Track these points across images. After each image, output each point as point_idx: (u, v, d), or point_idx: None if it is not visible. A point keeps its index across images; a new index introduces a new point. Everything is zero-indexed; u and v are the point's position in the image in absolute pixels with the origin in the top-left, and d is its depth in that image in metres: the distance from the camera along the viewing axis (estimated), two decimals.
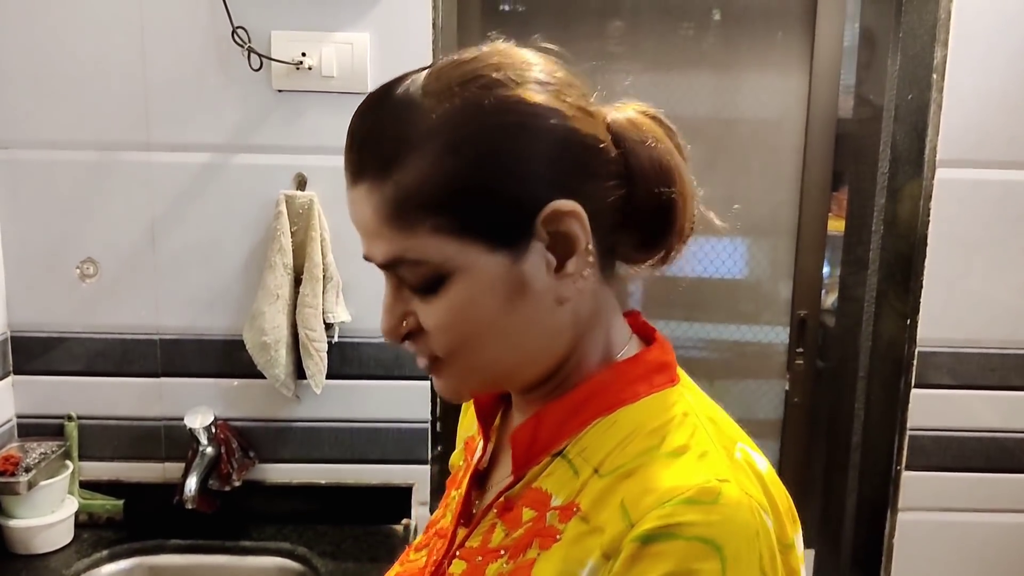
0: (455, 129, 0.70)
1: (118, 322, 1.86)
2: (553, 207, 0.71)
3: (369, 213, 0.72)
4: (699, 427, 0.74)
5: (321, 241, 1.80)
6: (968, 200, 1.85)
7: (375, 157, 0.71)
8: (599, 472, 0.72)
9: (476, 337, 0.74)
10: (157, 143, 1.80)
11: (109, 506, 1.90)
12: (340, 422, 1.91)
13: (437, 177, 0.69)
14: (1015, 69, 1.80)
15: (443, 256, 0.71)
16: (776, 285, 2.17)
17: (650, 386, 0.78)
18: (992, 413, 1.92)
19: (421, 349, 0.77)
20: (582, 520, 0.70)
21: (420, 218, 0.70)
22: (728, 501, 0.65)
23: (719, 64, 2.09)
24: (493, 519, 0.79)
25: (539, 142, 0.71)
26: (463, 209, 0.70)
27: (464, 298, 0.72)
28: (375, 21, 1.77)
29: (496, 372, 0.78)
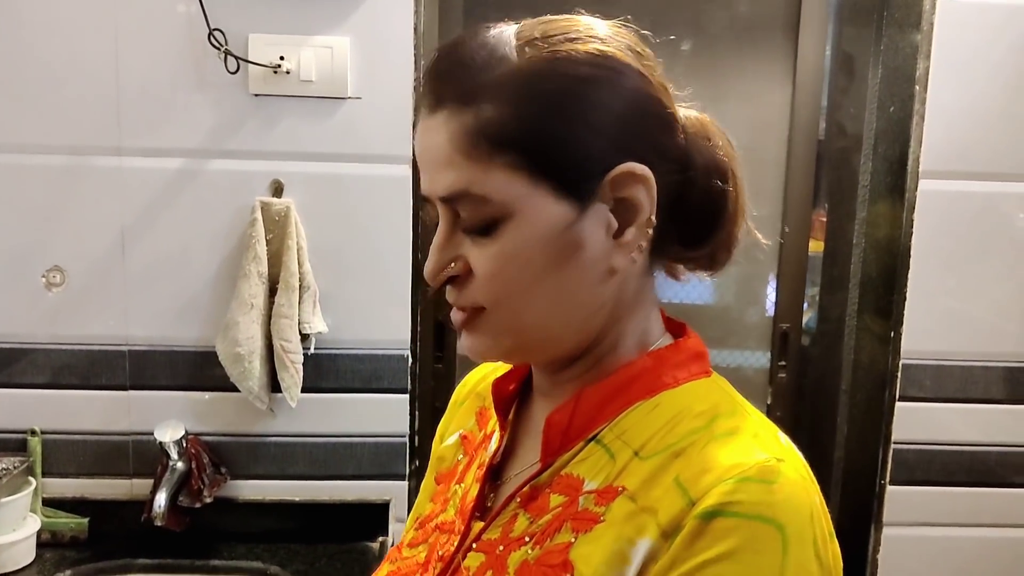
0: (543, 75, 0.70)
1: (85, 332, 1.80)
2: (627, 168, 0.71)
3: (443, 140, 0.71)
4: (745, 412, 0.75)
5: (297, 249, 1.75)
6: (950, 212, 1.85)
7: (460, 86, 0.71)
8: (640, 455, 0.72)
9: (523, 289, 0.73)
10: (129, 148, 1.75)
11: (73, 524, 1.83)
12: (315, 437, 1.85)
13: (519, 116, 0.69)
14: (997, 81, 1.81)
15: (509, 195, 0.70)
16: (756, 308, 2.16)
17: (690, 373, 0.78)
18: (974, 427, 1.91)
19: (462, 296, 0.75)
20: (630, 499, 0.70)
21: (495, 152, 0.70)
22: (787, 480, 0.66)
23: (701, 82, 2.06)
24: (515, 509, 0.77)
25: (623, 101, 0.72)
26: (539, 151, 0.70)
27: (519, 244, 0.71)
28: (355, 25, 1.74)
29: (532, 335, 0.76)
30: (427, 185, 0.74)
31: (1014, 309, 1.88)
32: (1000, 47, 1.79)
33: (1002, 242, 1.86)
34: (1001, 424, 1.91)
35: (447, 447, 0.97)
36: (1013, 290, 1.87)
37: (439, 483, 0.94)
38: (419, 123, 0.74)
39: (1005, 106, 1.81)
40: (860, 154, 1.97)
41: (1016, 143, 1.82)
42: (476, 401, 0.98)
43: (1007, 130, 1.82)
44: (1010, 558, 1.94)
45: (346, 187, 1.78)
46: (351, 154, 1.77)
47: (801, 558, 0.64)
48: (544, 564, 0.71)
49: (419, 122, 0.74)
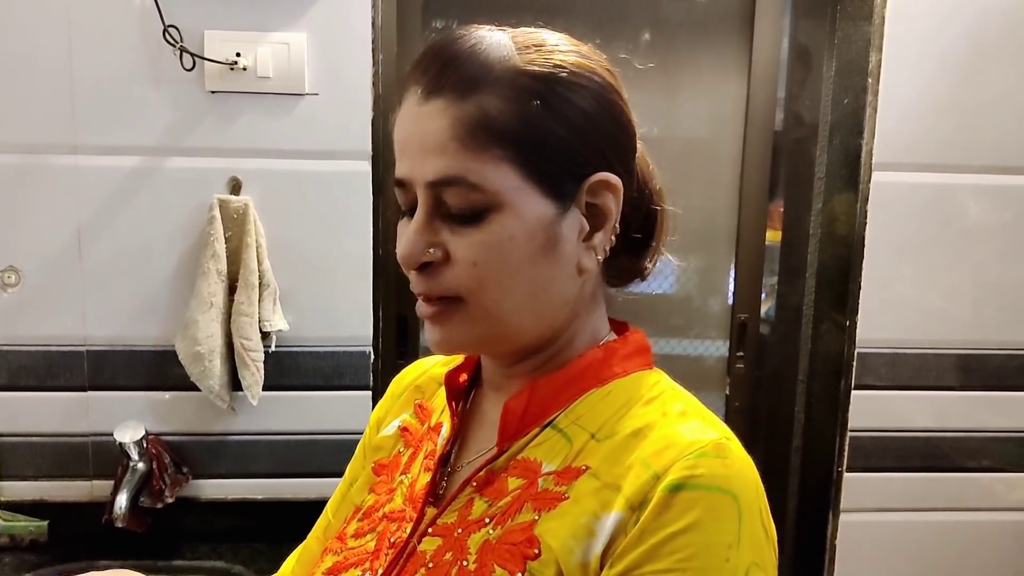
0: (544, 79, 0.75)
1: (42, 333, 1.77)
2: (603, 176, 0.77)
3: (440, 128, 0.73)
4: (690, 397, 0.81)
5: (257, 247, 1.74)
6: (903, 203, 1.88)
7: (460, 77, 0.74)
8: (597, 437, 0.77)
9: (503, 278, 0.75)
10: (84, 146, 1.73)
11: (33, 528, 1.81)
12: (277, 435, 1.85)
13: (520, 113, 0.73)
14: (947, 72, 1.84)
15: (501, 187, 0.73)
16: (714, 297, 2.18)
17: (637, 364, 0.84)
18: (928, 413, 1.94)
19: (437, 284, 0.76)
20: (593, 477, 0.74)
21: (492, 144, 0.73)
22: (737, 457, 0.72)
23: (656, 78, 2.09)
24: (471, 494, 0.80)
25: (606, 115, 0.78)
26: (533, 149, 0.74)
27: (506, 234, 0.74)
28: (313, 21, 1.73)
29: (505, 325, 0.78)
30: (411, 169, 0.75)
31: (966, 298, 1.91)
32: (948, 39, 1.82)
33: (954, 232, 1.89)
34: (954, 410, 1.95)
35: (385, 437, 0.98)
36: (964, 279, 1.91)
37: (379, 474, 0.95)
38: (405, 109, 0.76)
39: (955, 98, 1.85)
40: (816, 146, 2.00)
41: (966, 135, 1.86)
42: (415, 394, 1.00)
43: (957, 122, 1.85)
44: (964, 540, 1.99)
45: (305, 183, 1.77)
46: (309, 150, 1.76)
47: (752, 526, 0.70)
48: (507, 542, 0.74)
49: (404, 108, 0.76)
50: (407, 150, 0.76)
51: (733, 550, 0.68)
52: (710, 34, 2.08)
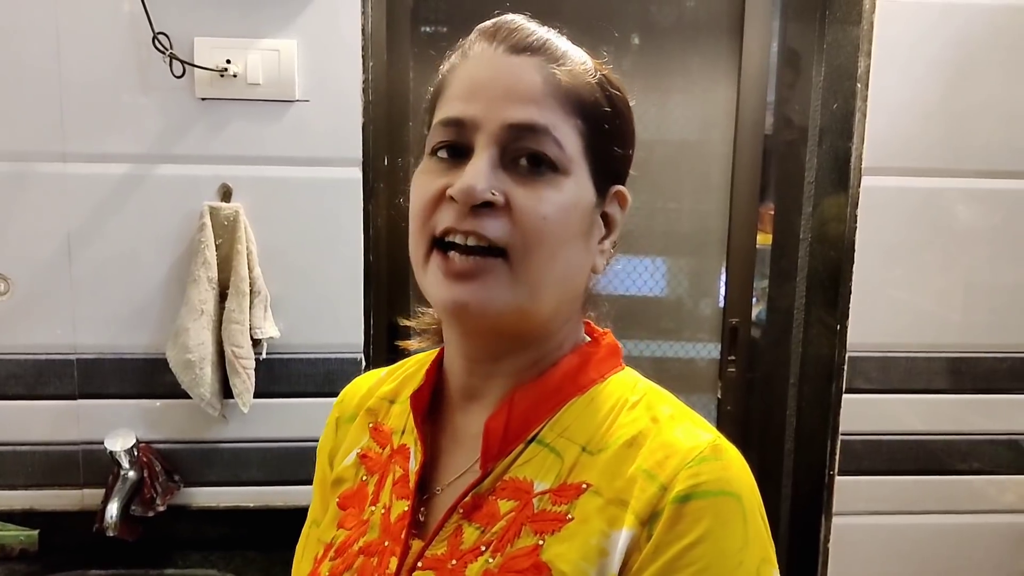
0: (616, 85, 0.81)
1: (32, 341, 1.77)
2: (622, 189, 0.83)
3: (536, 80, 0.75)
4: (670, 396, 0.82)
5: (247, 254, 1.74)
6: (893, 208, 1.88)
7: (554, 47, 0.78)
8: (589, 450, 0.76)
9: (558, 243, 0.75)
10: (73, 153, 1.72)
11: (23, 537, 1.80)
12: (269, 442, 1.84)
13: (600, 102, 0.78)
14: (935, 78, 1.84)
15: (574, 154, 0.76)
16: (706, 300, 2.18)
17: (611, 367, 0.84)
18: (918, 416, 1.95)
19: (489, 226, 0.73)
20: (595, 494, 0.73)
21: (574, 113, 0.76)
22: (733, 455, 0.74)
23: (646, 80, 2.09)
24: (458, 521, 0.77)
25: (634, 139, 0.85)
26: (600, 138, 0.78)
27: (567, 200, 0.75)
28: (303, 27, 1.73)
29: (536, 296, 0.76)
30: (487, 110, 0.74)
31: (956, 301, 1.92)
32: (937, 44, 1.83)
33: (943, 236, 1.90)
34: (945, 413, 1.95)
35: (345, 468, 0.92)
36: (954, 282, 1.91)
37: (345, 507, 0.89)
38: (483, 56, 0.77)
39: (944, 102, 1.85)
40: (806, 149, 2.00)
41: (955, 139, 1.86)
42: (367, 417, 0.94)
43: (946, 126, 1.86)
44: (955, 543, 1.99)
45: (295, 190, 1.77)
46: (300, 157, 1.76)
47: (755, 522, 0.72)
48: (511, 570, 0.72)
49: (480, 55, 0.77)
50: (484, 91, 0.75)
51: (744, 552, 0.70)
52: (700, 38, 2.09)
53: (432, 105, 0.81)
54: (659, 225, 2.14)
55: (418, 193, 0.77)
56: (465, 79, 0.77)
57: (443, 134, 0.76)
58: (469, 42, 0.80)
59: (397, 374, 0.96)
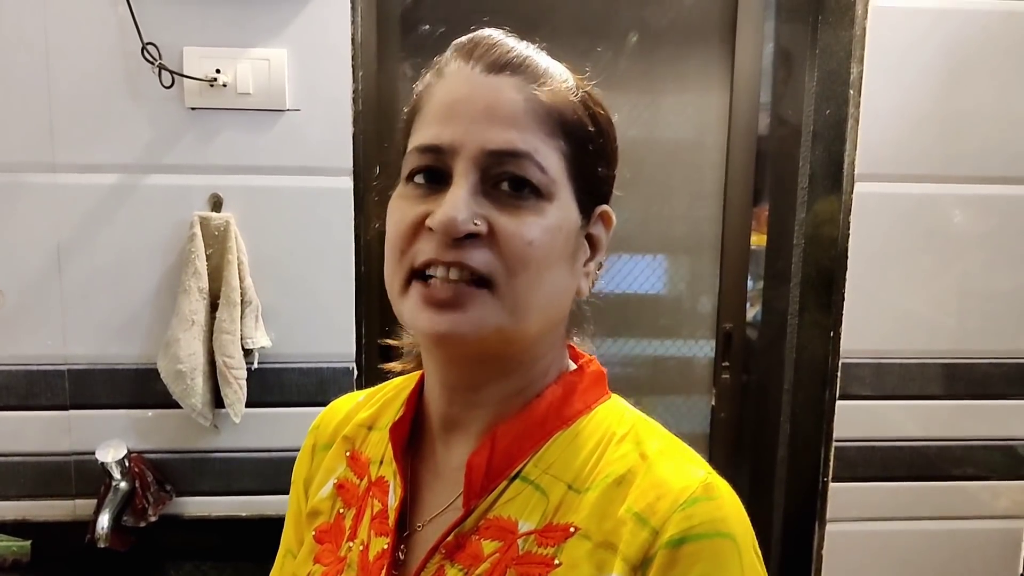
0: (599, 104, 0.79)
1: (22, 352, 1.77)
2: (607, 209, 0.80)
3: (514, 101, 0.72)
4: (657, 428, 0.79)
5: (238, 264, 1.74)
6: (886, 213, 1.88)
7: (535, 65, 0.75)
8: (575, 487, 0.73)
9: (543, 268, 0.73)
10: (63, 164, 1.72)
11: (15, 548, 1.79)
12: (261, 451, 1.84)
13: (583, 121, 0.75)
14: (927, 84, 1.84)
15: (557, 177, 0.73)
16: (700, 300, 2.18)
17: (596, 396, 0.81)
18: (912, 422, 1.95)
19: (473, 256, 0.70)
20: (584, 537, 0.71)
21: (557, 134, 0.73)
22: (725, 491, 0.72)
23: (639, 83, 2.09)
24: (440, 562, 0.74)
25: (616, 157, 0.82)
26: (584, 158, 0.76)
27: (552, 224, 0.73)
28: (292, 37, 1.73)
29: (522, 320, 0.73)
30: (467, 135, 0.71)
31: (950, 307, 1.91)
32: (930, 49, 1.82)
33: (937, 242, 1.89)
34: (939, 419, 1.95)
35: (321, 500, 0.88)
36: (949, 288, 1.91)
37: (322, 541, 0.86)
38: (459, 76, 0.73)
39: (937, 108, 1.85)
40: (799, 155, 2.00)
41: (948, 145, 1.86)
42: (344, 445, 0.90)
43: (939, 132, 1.85)
44: (950, 549, 1.99)
45: (286, 200, 1.77)
46: (290, 167, 1.76)
47: (750, 560, 0.70)
48: None
49: (457, 75, 0.74)
50: (461, 114, 0.71)
51: None
52: (693, 41, 2.08)
53: (408, 126, 0.77)
54: (655, 223, 2.13)
55: (395, 220, 0.73)
56: (441, 101, 0.73)
57: (420, 159, 0.73)
58: (445, 60, 0.76)
59: (376, 399, 0.92)
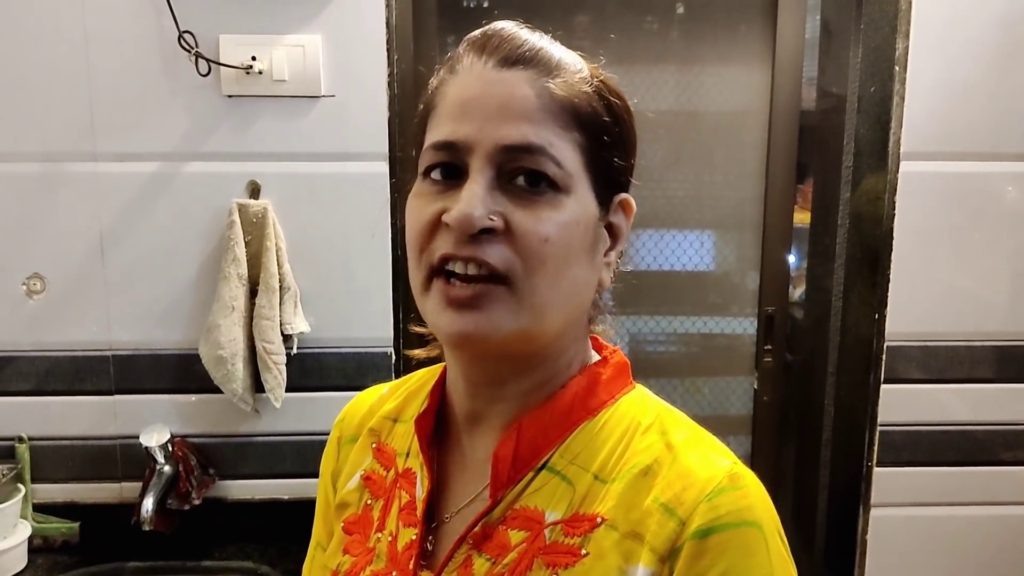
0: (615, 92, 0.77)
1: (68, 339, 1.80)
2: (627, 196, 0.80)
3: (527, 95, 0.71)
4: (682, 418, 0.79)
5: (277, 250, 1.75)
6: (932, 193, 1.83)
7: (547, 57, 0.74)
8: (601, 477, 0.74)
9: (562, 264, 0.72)
10: (104, 153, 1.74)
11: (64, 529, 1.84)
12: (301, 435, 1.86)
13: (598, 110, 0.75)
14: (974, 60, 1.78)
15: (573, 170, 0.73)
16: (743, 277, 2.16)
17: (621, 386, 0.81)
18: (961, 406, 1.90)
19: (489, 253, 0.69)
20: (611, 528, 0.71)
21: (572, 127, 0.73)
22: (750, 481, 0.72)
23: (683, 58, 2.06)
24: (467, 552, 0.75)
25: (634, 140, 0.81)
26: (602, 149, 0.75)
27: (569, 218, 0.72)
28: (327, 22, 1.72)
29: (541, 319, 0.73)
30: (481, 131, 0.70)
31: (1000, 287, 1.87)
32: (976, 24, 1.77)
33: (987, 221, 1.84)
34: (988, 402, 1.90)
35: (349, 491, 0.89)
36: (999, 268, 1.86)
37: (351, 532, 0.87)
38: (471, 72, 0.73)
39: (985, 84, 1.79)
40: (844, 131, 1.96)
41: (997, 122, 1.80)
42: (370, 437, 0.91)
43: (988, 109, 1.80)
44: (998, 534, 1.95)
45: (323, 186, 1.77)
46: (327, 153, 1.76)
47: (777, 547, 0.70)
48: None
49: (469, 72, 0.73)
50: (476, 111, 0.71)
51: None
52: (735, 16, 2.05)
53: (423, 123, 0.78)
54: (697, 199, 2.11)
55: (413, 218, 0.74)
56: (455, 97, 0.73)
57: (436, 156, 0.73)
58: (458, 55, 0.76)
59: (400, 391, 0.93)
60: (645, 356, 2.19)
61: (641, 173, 0.82)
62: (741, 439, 2.19)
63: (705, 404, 2.20)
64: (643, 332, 2.17)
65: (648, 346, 2.20)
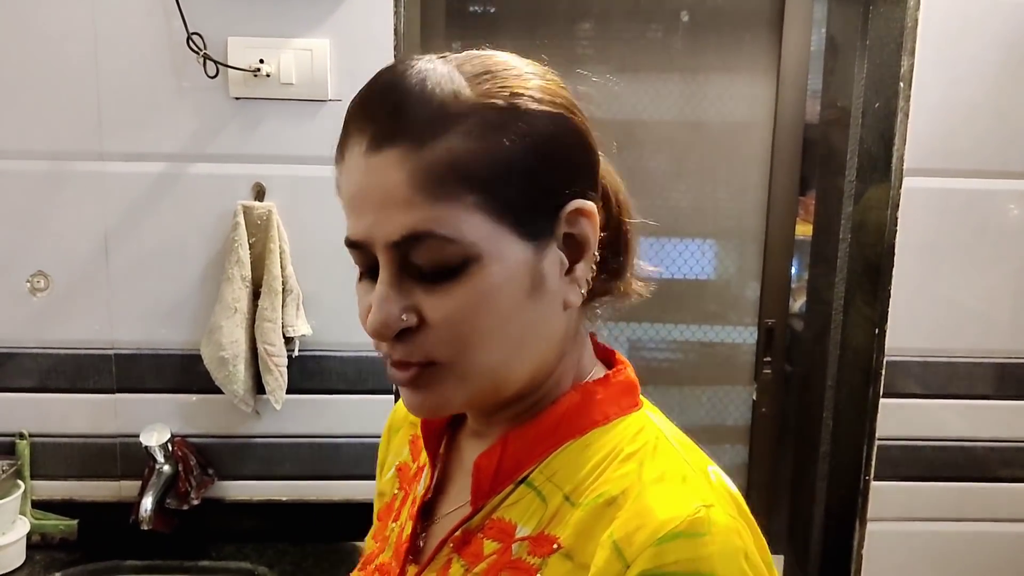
0: (505, 111, 0.67)
1: (71, 337, 1.80)
2: (577, 204, 0.71)
3: (399, 180, 0.65)
4: (672, 451, 0.72)
5: (280, 253, 1.75)
6: (935, 209, 1.83)
7: (413, 120, 0.66)
8: (571, 500, 0.70)
9: (490, 333, 0.69)
10: (110, 152, 1.75)
11: (63, 526, 1.84)
12: (301, 437, 1.86)
13: (484, 151, 0.66)
14: (979, 78, 1.79)
15: (476, 236, 0.66)
16: (744, 287, 2.16)
17: (619, 408, 0.76)
18: (960, 422, 1.91)
19: (416, 350, 0.69)
20: (566, 557, 0.68)
21: (460, 191, 0.66)
22: (718, 529, 0.64)
23: (687, 68, 2.07)
24: (449, 554, 0.76)
25: (572, 139, 0.72)
26: (503, 189, 0.67)
27: (488, 286, 0.67)
28: (335, 27, 1.73)
29: (493, 378, 0.71)
30: (370, 229, 0.68)
31: (1002, 305, 1.87)
32: (983, 43, 1.77)
33: (989, 238, 1.85)
34: (987, 418, 1.91)
35: (386, 481, 0.93)
36: (1001, 286, 1.87)
37: (381, 519, 0.90)
38: (350, 162, 0.68)
39: (989, 104, 1.80)
40: (847, 146, 1.96)
41: (1001, 141, 1.81)
42: (410, 429, 0.93)
43: (992, 128, 1.80)
44: (995, 551, 1.95)
45: (328, 190, 1.73)
46: (332, 157, 1.75)
47: None
48: None
49: (349, 160, 0.69)
50: (361, 207, 0.68)
51: None
52: (741, 27, 2.06)
53: None
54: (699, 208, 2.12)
55: (358, 304, 0.73)
56: (345, 192, 0.70)
57: (351, 254, 0.72)
58: (343, 133, 0.71)
59: None
60: (644, 363, 2.20)
61: (644, 182, 0.80)
62: (739, 449, 2.20)
63: (703, 413, 2.20)
64: (643, 339, 2.18)
65: (647, 353, 2.20)
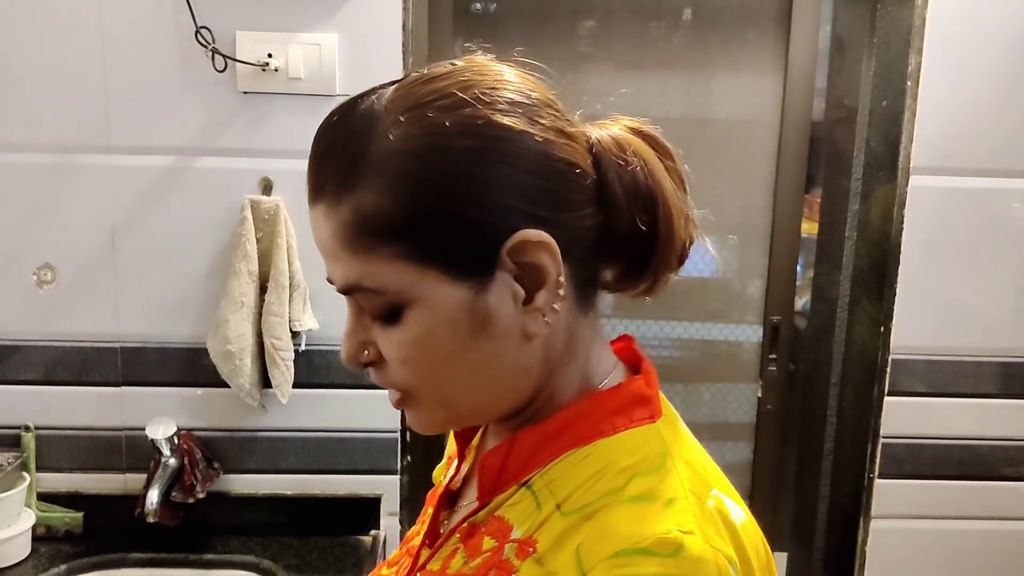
0: (415, 152, 0.65)
1: (77, 330, 1.80)
2: (520, 237, 0.66)
3: (327, 235, 0.68)
4: (671, 470, 0.68)
5: (287, 248, 1.75)
6: (942, 208, 1.84)
7: (334, 175, 0.67)
8: (562, 509, 0.68)
9: (438, 371, 0.70)
10: (118, 146, 1.75)
11: (68, 519, 1.84)
12: (307, 432, 1.87)
13: (395, 201, 0.65)
14: (989, 77, 1.79)
15: (401, 285, 0.67)
16: (749, 285, 2.16)
17: (629, 419, 0.73)
18: (965, 420, 1.91)
19: (384, 379, 0.73)
20: (536, 563, 0.66)
21: (377, 244, 0.66)
22: (689, 555, 0.60)
23: (693, 65, 2.07)
24: (456, 543, 0.76)
25: (506, 167, 0.66)
26: (422, 236, 0.66)
27: (423, 330, 0.68)
28: (343, 22, 1.73)
29: (463, 407, 0.74)
30: (327, 272, 0.72)
31: (1007, 304, 1.88)
32: (991, 43, 1.78)
33: (995, 237, 1.85)
34: (992, 417, 1.91)
35: (439, 468, 0.96)
36: (1006, 286, 1.87)
37: (427, 504, 0.91)
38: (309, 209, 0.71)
39: (997, 103, 1.80)
40: (854, 144, 1.96)
41: (1008, 140, 1.81)
42: None
43: (1000, 127, 1.81)
44: (999, 549, 1.96)
45: None
46: None
47: None
48: None
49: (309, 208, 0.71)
50: (319, 251, 0.72)
51: None
52: (747, 24, 2.05)
53: None
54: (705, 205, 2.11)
55: None
56: None
57: None
58: None
59: None
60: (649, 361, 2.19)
61: None
62: (743, 446, 2.20)
63: (708, 411, 2.20)
64: (647, 336, 2.18)
65: (652, 351, 2.20)
